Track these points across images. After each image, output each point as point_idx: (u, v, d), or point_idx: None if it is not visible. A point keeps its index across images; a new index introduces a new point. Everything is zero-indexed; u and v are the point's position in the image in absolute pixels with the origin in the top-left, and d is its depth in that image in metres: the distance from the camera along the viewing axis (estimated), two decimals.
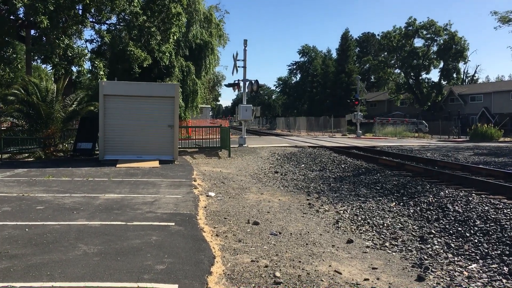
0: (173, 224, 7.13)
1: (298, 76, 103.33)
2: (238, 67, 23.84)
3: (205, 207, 8.77)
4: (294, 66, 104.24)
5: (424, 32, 64.72)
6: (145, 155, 16.11)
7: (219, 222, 7.67)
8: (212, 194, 10.25)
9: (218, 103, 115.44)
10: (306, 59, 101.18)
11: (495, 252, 6.39)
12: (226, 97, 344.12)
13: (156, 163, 15.22)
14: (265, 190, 11.46)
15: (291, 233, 7.22)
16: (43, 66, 37.65)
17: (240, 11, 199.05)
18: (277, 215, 8.52)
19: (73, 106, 18.62)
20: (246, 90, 23.97)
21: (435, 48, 65.21)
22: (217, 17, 33.88)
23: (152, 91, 16.64)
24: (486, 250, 6.49)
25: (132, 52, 21.73)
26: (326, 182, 12.88)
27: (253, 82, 23.79)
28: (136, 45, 22.22)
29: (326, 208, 9.38)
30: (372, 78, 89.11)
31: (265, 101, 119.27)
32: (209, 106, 60.33)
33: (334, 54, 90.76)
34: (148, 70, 24.80)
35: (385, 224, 8.10)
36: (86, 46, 24.30)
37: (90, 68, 22.65)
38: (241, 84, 23.94)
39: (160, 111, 16.38)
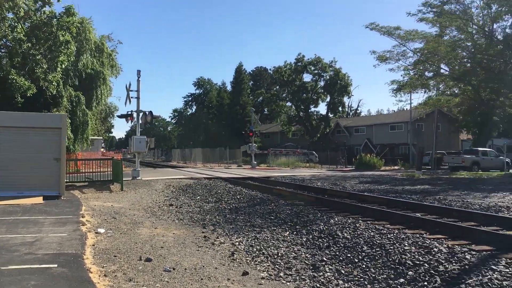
0: (56, 265, 6.54)
1: (194, 107, 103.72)
2: (132, 97, 23.26)
3: (93, 245, 8.22)
4: (190, 98, 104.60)
5: (312, 68, 68.77)
6: (27, 191, 14.83)
7: (109, 261, 7.20)
8: (101, 230, 9.66)
9: (111, 134, 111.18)
10: (201, 91, 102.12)
11: (382, 276, 6.72)
12: (120, 129, 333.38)
13: (39, 199, 14.06)
14: (159, 224, 11.08)
15: (185, 268, 6.99)
16: None
17: (135, 42, 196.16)
18: (171, 249, 8.23)
19: None
20: (140, 121, 23.39)
21: (322, 83, 69.45)
22: (109, 47, 32.95)
23: (37, 121, 15.51)
24: (374, 275, 6.80)
25: (14, 81, 20.17)
26: (222, 213, 12.82)
27: (147, 113, 23.29)
28: (19, 73, 20.69)
29: (222, 240, 9.28)
30: (266, 110, 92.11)
31: (161, 133, 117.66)
32: (101, 138, 57.80)
33: (229, 87, 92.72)
34: (32, 100, 23.12)
35: (279, 254, 8.19)
36: None
37: None
38: (135, 115, 23.33)
39: (45, 143, 15.29)
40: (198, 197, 16.48)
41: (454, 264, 6.79)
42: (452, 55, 34.93)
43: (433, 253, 7.42)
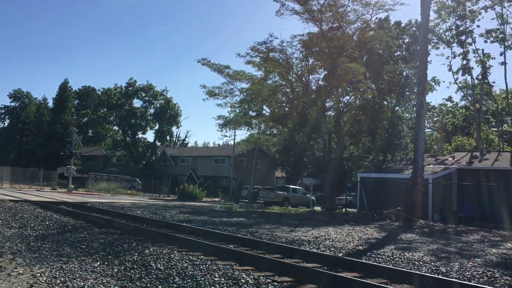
0: None
1: (7, 122, 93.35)
2: None
3: None
4: (3, 111, 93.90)
5: (143, 94, 68.23)
6: None
7: None
8: None
9: None
10: (18, 104, 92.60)
11: None
12: None
13: None
14: None
15: None
16: None
17: None
18: None
19: None
20: None
21: (152, 111, 69.18)
22: None
23: None
24: None
25: None
26: (26, 241, 11.61)
27: None
28: None
29: (21, 271, 8.38)
30: (90, 132, 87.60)
31: None
32: None
33: (51, 103, 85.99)
34: None
35: (85, 287, 7.72)
36: None
37: None
38: None
39: None
40: None
41: None
42: (273, 98, 38.07)
43: (240, 284, 7.80)
